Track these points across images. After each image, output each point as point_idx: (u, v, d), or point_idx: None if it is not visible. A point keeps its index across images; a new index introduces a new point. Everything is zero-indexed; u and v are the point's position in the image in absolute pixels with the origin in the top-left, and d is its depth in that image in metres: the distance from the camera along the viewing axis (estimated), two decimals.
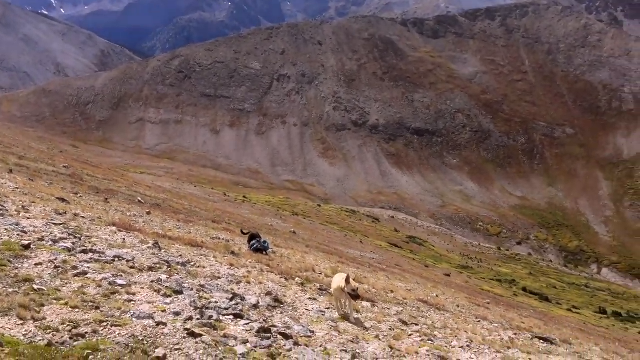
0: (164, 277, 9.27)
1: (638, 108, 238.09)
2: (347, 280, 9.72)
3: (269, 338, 7.59)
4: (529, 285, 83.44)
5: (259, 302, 9.48)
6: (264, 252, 17.83)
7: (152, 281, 8.79)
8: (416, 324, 11.90)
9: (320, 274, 16.81)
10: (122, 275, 8.62)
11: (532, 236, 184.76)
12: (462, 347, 10.64)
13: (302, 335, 8.34)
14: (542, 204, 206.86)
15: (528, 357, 11.31)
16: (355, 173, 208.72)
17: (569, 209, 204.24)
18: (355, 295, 9.70)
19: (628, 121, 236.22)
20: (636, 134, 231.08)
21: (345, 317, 9.99)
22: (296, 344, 7.80)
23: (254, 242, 18.22)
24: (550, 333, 18.38)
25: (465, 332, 12.85)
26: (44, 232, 10.41)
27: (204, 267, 11.42)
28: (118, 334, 6.24)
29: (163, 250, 11.89)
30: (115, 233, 12.53)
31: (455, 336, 11.73)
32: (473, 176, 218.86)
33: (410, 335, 10.53)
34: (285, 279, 13.23)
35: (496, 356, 10.53)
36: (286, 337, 7.91)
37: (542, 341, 14.95)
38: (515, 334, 15.25)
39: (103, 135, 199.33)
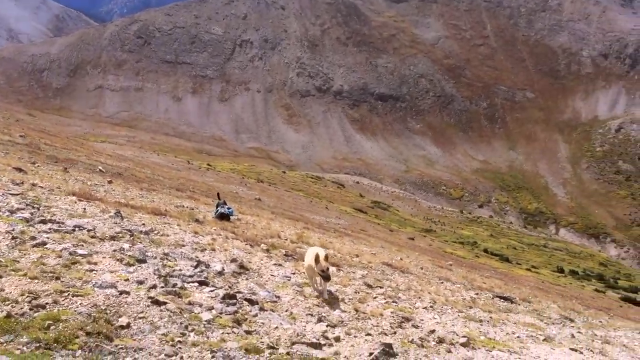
0: (126, 246, 9.14)
1: (596, 71, 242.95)
2: (317, 260, 9.10)
3: (234, 304, 7.59)
4: (490, 247, 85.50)
5: (224, 269, 9.46)
6: (228, 219, 17.79)
7: (115, 250, 8.66)
8: (381, 287, 12.06)
9: (286, 240, 16.85)
10: (82, 245, 8.46)
11: (493, 199, 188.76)
12: (425, 307, 10.85)
13: (267, 300, 8.37)
14: (503, 167, 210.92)
15: (489, 315, 11.62)
16: (319, 139, 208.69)
17: (528, 172, 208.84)
18: (325, 276, 9.11)
19: (586, 84, 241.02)
20: (594, 97, 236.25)
21: (319, 294, 9.54)
22: (262, 309, 7.83)
23: (218, 207, 18.20)
24: (510, 292, 18.90)
25: (429, 293, 13.10)
26: (0, 202, 10.12)
27: (167, 236, 11.30)
28: (80, 304, 6.14)
29: (125, 219, 11.71)
30: (76, 203, 12.26)
31: (419, 297, 11.95)
32: (436, 141, 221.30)
33: (375, 297, 10.67)
34: (251, 245, 13.21)
35: (458, 315, 10.79)
36: (252, 302, 7.93)
37: (502, 300, 15.37)
38: (476, 293, 15.62)
39: (61, 103, 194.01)
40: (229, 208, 18.37)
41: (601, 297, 49.43)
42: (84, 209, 11.76)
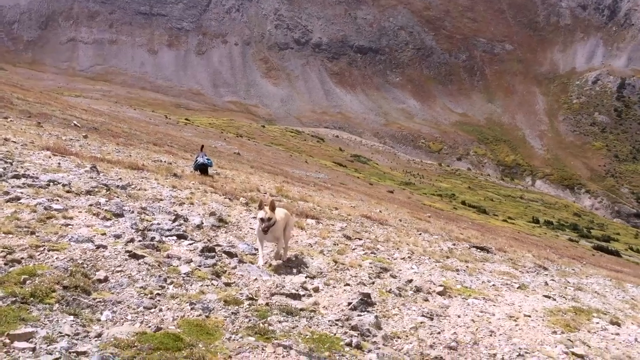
0: (102, 200, 9.04)
1: (574, 23, 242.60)
2: (260, 206, 7.83)
3: (213, 257, 7.60)
4: (467, 199, 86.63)
5: (202, 223, 9.44)
6: (206, 173, 17.72)
7: (91, 205, 8.57)
8: (360, 239, 12.17)
9: (265, 193, 16.84)
10: (58, 200, 8.35)
11: (471, 152, 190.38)
12: (403, 258, 11.00)
13: (247, 253, 8.40)
14: (482, 120, 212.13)
15: (465, 265, 11.82)
16: (299, 93, 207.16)
17: (506, 124, 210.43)
18: (263, 228, 7.67)
19: (565, 36, 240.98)
20: (571, 49, 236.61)
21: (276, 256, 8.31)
22: (241, 261, 7.85)
23: (197, 157, 18.14)
24: (487, 243, 19.23)
25: (407, 244, 13.26)
26: None
27: (145, 190, 11.21)
28: (56, 258, 6.09)
29: (101, 174, 11.57)
30: (50, 157, 12.06)
31: (397, 248, 12.10)
32: (415, 94, 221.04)
33: (354, 249, 10.78)
34: (230, 199, 13.19)
35: (436, 265, 10.96)
36: (231, 255, 7.95)
37: (478, 250, 15.64)
38: (454, 244, 15.87)
39: (33, 56, 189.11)
40: (207, 158, 18.29)
41: (574, 246, 50.65)
42: (59, 163, 11.58)
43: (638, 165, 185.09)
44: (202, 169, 17.82)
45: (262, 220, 7.62)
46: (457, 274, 10.59)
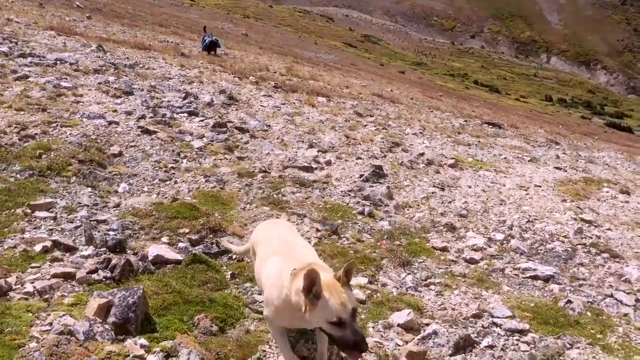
0: (111, 78, 8.95)
1: None
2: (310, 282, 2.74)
3: (225, 132, 7.62)
4: (480, 78, 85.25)
5: (213, 100, 9.37)
6: (215, 52, 17.39)
7: (100, 83, 8.50)
8: (371, 116, 12.10)
9: (275, 72, 16.58)
10: (66, 78, 8.27)
11: (485, 29, 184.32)
12: (415, 133, 10.98)
13: (258, 129, 8.39)
14: None
15: (477, 140, 11.82)
16: None
17: None
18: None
19: None
20: None
21: None
22: (253, 136, 7.88)
23: (205, 38, 17.75)
24: (499, 120, 19.10)
25: (419, 121, 13.20)
26: None
27: (153, 69, 11.06)
28: (69, 134, 6.13)
29: (108, 53, 11.37)
30: (55, 37, 11.81)
31: (409, 125, 12.05)
32: None
33: (365, 125, 10.74)
34: (239, 78, 13.01)
35: (447, 140, 10.96)
36: (242, 131, 7.96)
37: (490, 126, 15.56)
38: (465, 121, 15.77)
39: None
40: (215, 38, 17.89)
41: (587, 123, 50.34)
42: (64, 43, 11.37)
43: None
44: (212, 46, 17.44)
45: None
46: (469, 148, 10.61)
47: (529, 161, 10.24)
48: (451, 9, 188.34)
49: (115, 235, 4.24)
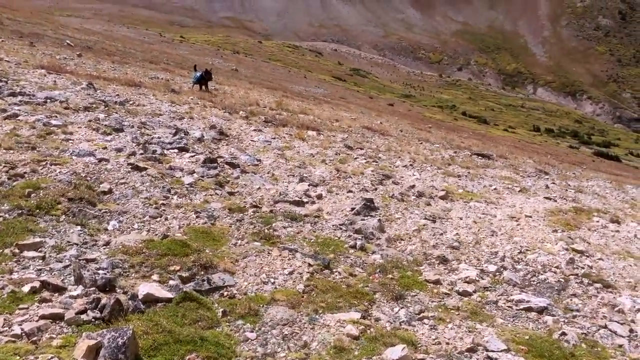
0: (102, 116, 8.96)
1: None
2: None
3: (215, 168, 7.61)
4: (468, 110, 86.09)
5: (203, 136, 9.40)
6: (206, 87, 17.43)
7: (90, 120, 8.50)
8: (361, 148, 12.16)
9: (265, 107, 16.68)
10: (56, 116, 8.27)
11: (472, 61, 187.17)
12: (405, 165, 11.03)
13: (249, 163, 8.41)
14: (483, 28, 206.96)
15: (467, 171, 11.88)
16: (295, 6, 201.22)
17: (508, 31, 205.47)
18: None
19: None
20: None
21: None
22: (244, 171, 7.88)
23: (195, 73, 17.76)
24: (488, 150, 19.24)
25: (409, 153, 13.27)
26: None
27: (144, 106, 11.09)
28: (59, 172, 6.10)
29: (99, 91, 11.41)
30: (45, 76, 11.85)
31: (399, 157, 12.11)
32: (415, 3, 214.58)
33: (355, 158, 10.79)
34: (229, 113, 13.08)
35: (437, 172, 11.01)
36: (233, 166, 7.96)
37: (480, 157, 15.66)
38: (455, 152, 15.87)
39: None
40: (206, 69, 17.92)
41: (575, 153, 50.80)
42: (55, 81, 11.40)
43: None
44: (202, 80, 17.39)
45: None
46: (459, 179, 10.65)
47: (519, 191, 10.28)
48: (438, 43, 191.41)
49: (105, 274, 4.20)
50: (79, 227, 5.00)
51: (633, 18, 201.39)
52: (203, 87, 17.26)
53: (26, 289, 3.77)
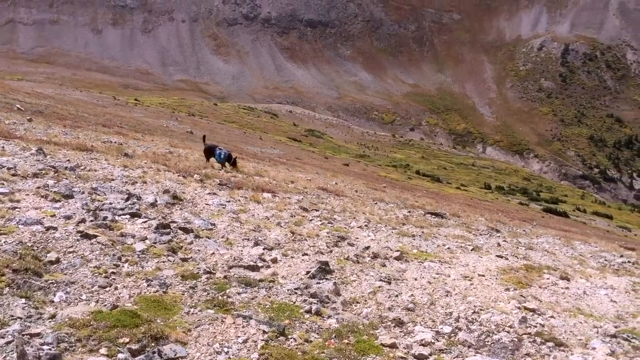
0: (51, 182, 8.79)
1: None
2: None
3: (168, 233, 7.51)
4: (421, 168, 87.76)
5: (156, 201, 9.29)
6: (235, 164, 16.97)
7: (38, 187, 8.32)
8: (316, 210, 12.22)
9: (219, 170, 16.68)
10: (3, 184, 8.08)
11: (423, 122, 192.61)
12: (360, 226, 11.11)
13: (203, 228, 8.33)
14: (433, 90, 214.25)
15: (421, 230, 12.04)
16: (250, 69, 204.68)
17: (457, 93, 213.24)
18: None
19: (510, 4, 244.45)
20: (517, 17, 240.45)
21: None
22: (197, 236, 7.79)
23: (216, 150, 17.26)
24: (441, 209, 19.58)
25: (364, 213, 13.40)
26: None
27: (95, 171, 10.95)
28: (4, 242, 5.91)
29: (49, 156, 11.23)
30: None
31: (354, 218, 12.21)
32: (367, 66, 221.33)
33: (311, 220, 10.82)
34: (184, 176, 13.02)
35: (392, 232, 11.12)
36: (187, 231, 7.87)
37: (433, 216, 15.93)
38: (409, 211, 16.11)
39: None
40: (227, 151, 17.49)
41: (525, 209, 52.10)
42: (2, 147, 11.19)
43: (582, 128, 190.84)
44: (230, 160, 16.99)
45: None
46: (413, 239, 10.77)
47: (471, 250, 10.45)
48: (390, 104, 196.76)
49: (50, 349, 4.03)
50: (23, 300, 4.82)
51: (573, 80, 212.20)
52: (225, 165, 16.91)
53: None
